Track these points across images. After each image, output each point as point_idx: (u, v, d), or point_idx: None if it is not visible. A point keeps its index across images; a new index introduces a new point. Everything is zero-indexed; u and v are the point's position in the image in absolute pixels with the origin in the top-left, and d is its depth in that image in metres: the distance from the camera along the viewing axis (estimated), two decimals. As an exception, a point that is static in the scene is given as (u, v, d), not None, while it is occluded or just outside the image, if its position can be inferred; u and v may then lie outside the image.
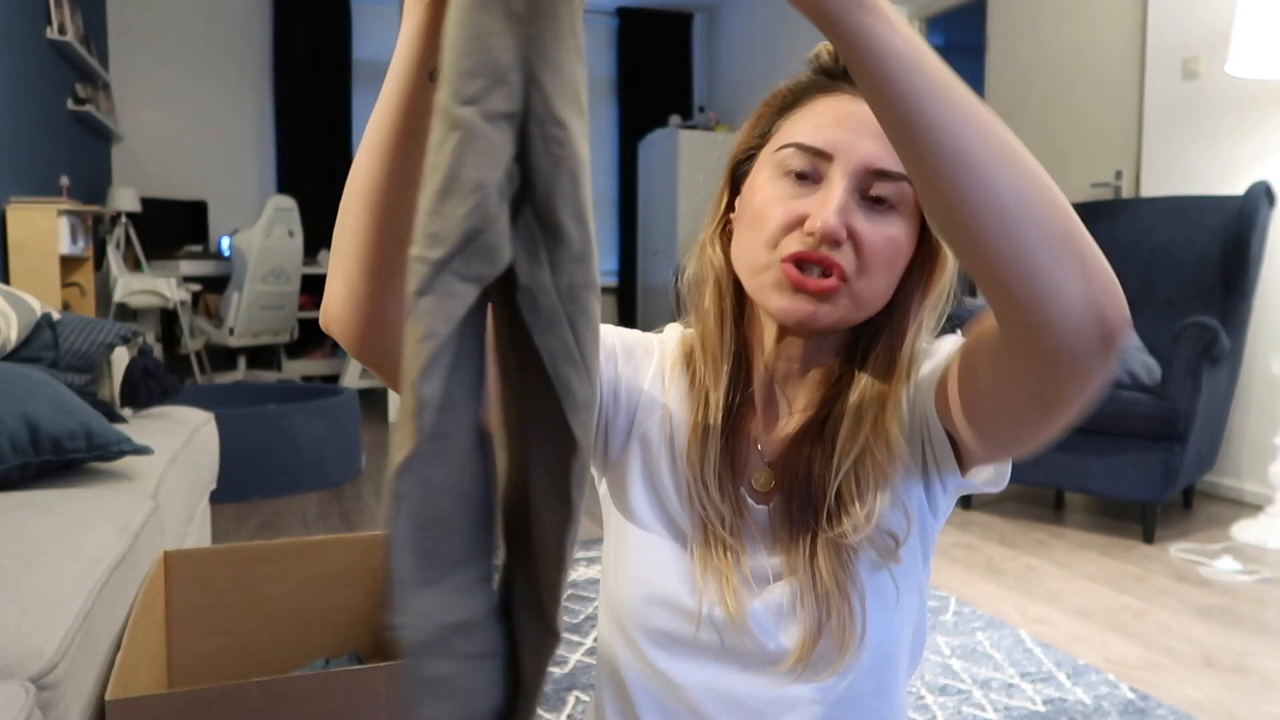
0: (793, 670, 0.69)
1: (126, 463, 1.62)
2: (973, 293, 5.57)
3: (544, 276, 0.44)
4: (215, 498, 2.54)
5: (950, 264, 0.70)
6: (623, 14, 6.76)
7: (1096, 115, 3.69)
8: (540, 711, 1.57)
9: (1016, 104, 4.07)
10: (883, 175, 0.65)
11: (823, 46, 0.71)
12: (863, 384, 0.70)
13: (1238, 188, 3.04)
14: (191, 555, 1.37)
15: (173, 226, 5.61)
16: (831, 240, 0.64)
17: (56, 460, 1.48)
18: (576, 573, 2.28)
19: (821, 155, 0.66)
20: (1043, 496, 3.23)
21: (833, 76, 0.70)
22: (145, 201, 5.37)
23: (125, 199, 5.08)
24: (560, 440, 0.46)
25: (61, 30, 4.09)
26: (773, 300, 0.67)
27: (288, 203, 4.92)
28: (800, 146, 0.66)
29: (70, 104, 4.50)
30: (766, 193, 0.68)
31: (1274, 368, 2.70)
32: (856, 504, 0.68)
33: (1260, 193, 2.82)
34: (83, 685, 0.96)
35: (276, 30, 6.00)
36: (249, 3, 6.01)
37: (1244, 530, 2.69)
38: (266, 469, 3.10)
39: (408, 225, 0.58)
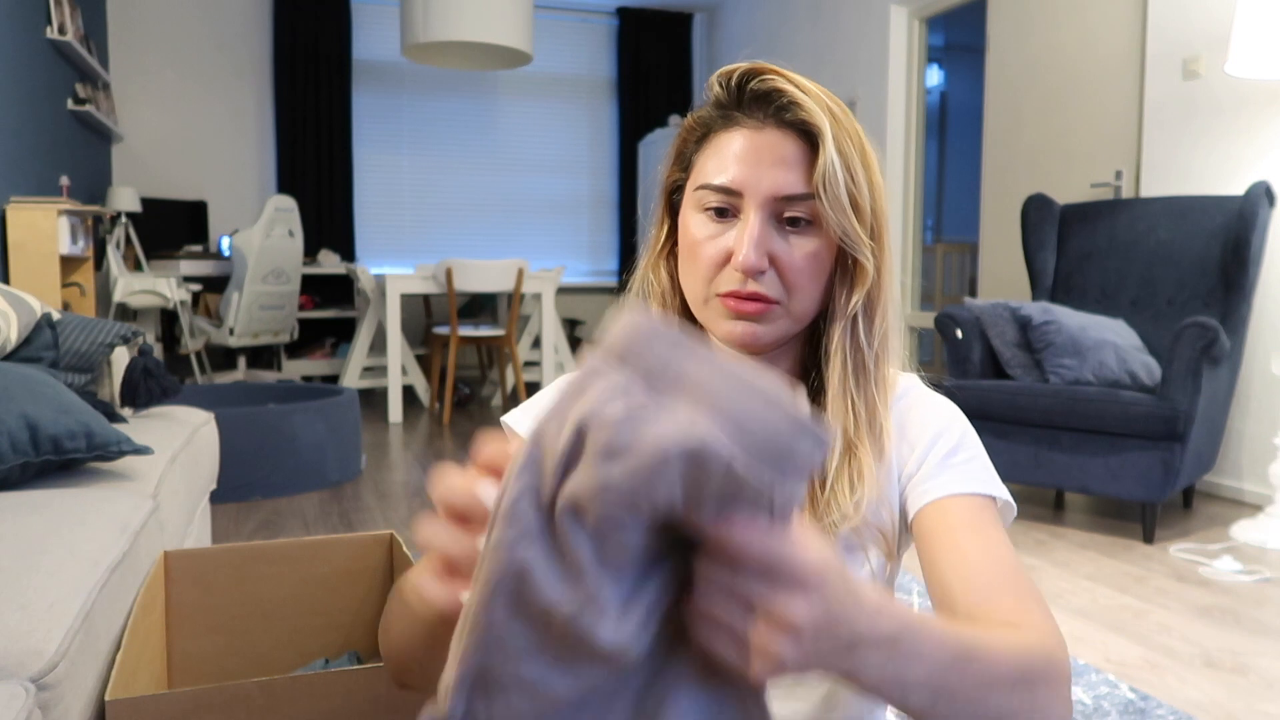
0: None
1: (126, 463, 1.62)
2: (973, 292, 5.55)
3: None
4: (215, 498, 2.54)
5: (870, 265, 0.72)
6: (623, 14, 6.76)
7: (1096, 115, 3.69)
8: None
9: (1016, 104, 4.07)
10: (791, 199, 0.68)
11: (715, 78, 0.72)
12: (832, 374, 0.73)
13: (1238, 188, 3.04)
14: (191, 555, 1.37)
15: (173, 226, 5.61)
16: (754, 273, 0.69)
17: (56, 460, 1.48)
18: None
19: (731, 192, 0.69)
20: (1043, 496, 3.23)
21: (728, 108, 0.71)
22: (145, 201, 5.37)
23: (125, 199, 5.08)
24: None
25: (61, 30, 4.09)
26: (718, 328, 0.73)
27: (288, 203, 4.92)
28: (711, 187, 0.70)
29: (70, 104, 4.50)
30: (694, 231, 0.72)
31: (1274, 368, 2.70)
32: (846, 494, 0.71)
33: (1260, 193, 2.82)
34: (83, 685, 0.96)
35: (276, 30, 6.00)
36: (249, 3, 6.01)
37: (1244, 530, 2.68)
38: (266, 469, 3.10)
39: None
